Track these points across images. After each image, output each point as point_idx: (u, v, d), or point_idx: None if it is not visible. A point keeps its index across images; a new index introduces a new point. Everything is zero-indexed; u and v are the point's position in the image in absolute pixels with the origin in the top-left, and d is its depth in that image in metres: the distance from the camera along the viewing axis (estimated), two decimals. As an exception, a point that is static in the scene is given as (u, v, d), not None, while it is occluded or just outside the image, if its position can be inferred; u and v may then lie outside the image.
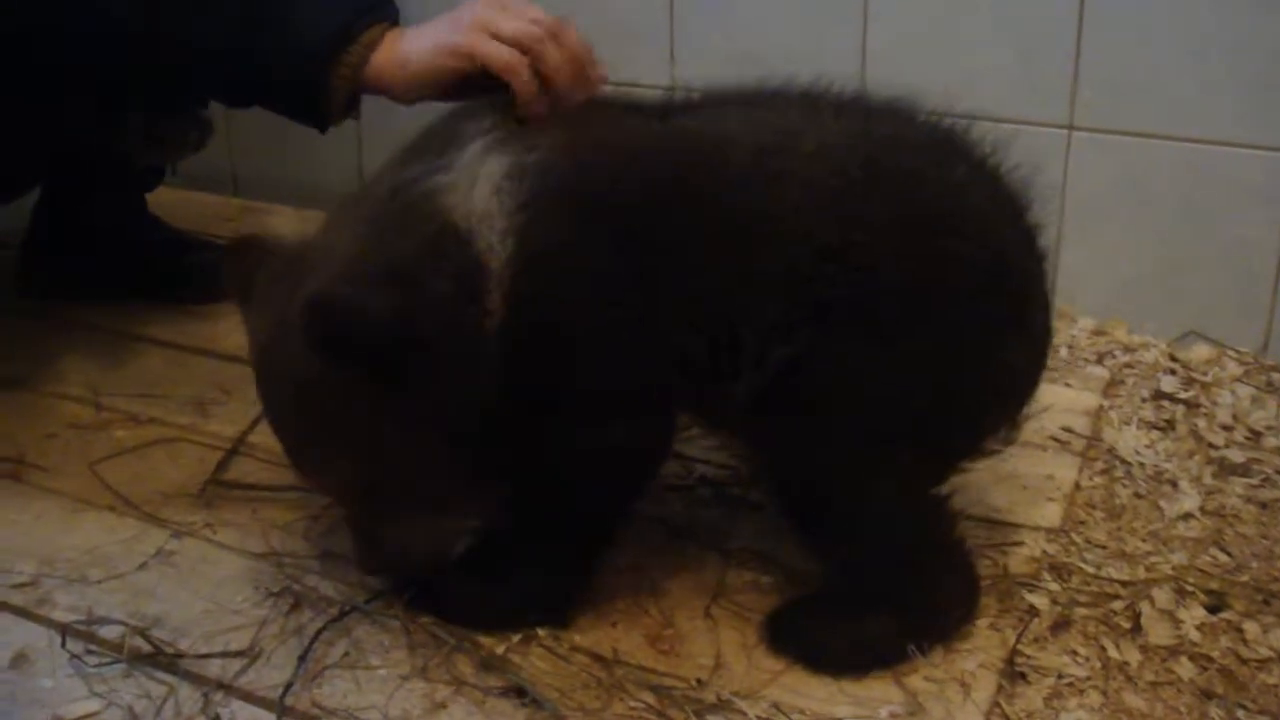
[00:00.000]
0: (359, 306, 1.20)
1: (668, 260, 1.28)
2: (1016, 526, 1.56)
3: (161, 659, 1.35)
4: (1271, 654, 1.36)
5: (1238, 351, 1.99)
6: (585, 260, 1.28)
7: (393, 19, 1.51)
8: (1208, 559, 1.52)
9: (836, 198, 1.27)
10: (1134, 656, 1.37)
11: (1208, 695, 1.32)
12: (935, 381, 1.28)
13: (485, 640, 1.36)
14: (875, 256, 1.26)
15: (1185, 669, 1.35)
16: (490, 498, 1.37)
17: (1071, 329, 2.07)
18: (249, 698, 1.30)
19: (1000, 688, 1.31)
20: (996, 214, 1.34)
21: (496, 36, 1.36)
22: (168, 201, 2.34)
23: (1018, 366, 1.38)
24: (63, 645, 1.37)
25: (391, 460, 1.30)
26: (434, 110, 1.42)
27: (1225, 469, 1.70)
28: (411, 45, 1.45)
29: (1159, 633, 1.39)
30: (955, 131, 1.36)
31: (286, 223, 2.53)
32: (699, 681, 1.31)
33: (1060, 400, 1.83)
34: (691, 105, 1.40)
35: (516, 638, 1.37)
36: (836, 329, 1.26)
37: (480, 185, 1.28)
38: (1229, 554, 1.53)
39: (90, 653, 1.36)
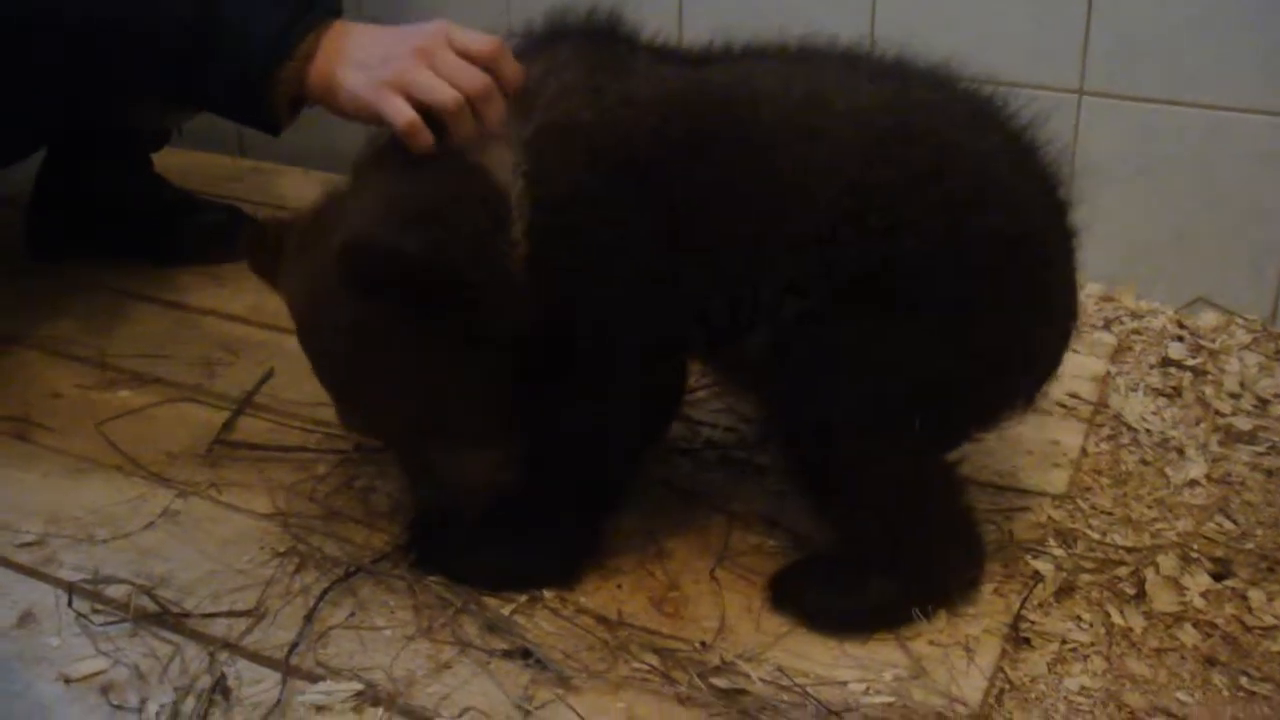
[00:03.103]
0: (391, 246, 1.22)
1: (688, 212, 1.27)
2: (1022, 492, 1.56)
3: (167, 618, 1.35)
4: (1276, 622, 1.36)
5: (1246, 319, 1.98)
6: (599, 208, 1.28)
7: (331, 13, 1.48)
8: (1213, 526, 1.51)
9: (862, 160, 1.26)
10: (1138, 623, 1.37)
11: (1211, 662, 1.32)
12: (948, 353, 1.27)
13: (491, 601, 1.37)
14: (896, 222, 1.25)
15: (1189, 636, 1.35)
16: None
17: (1079, 294, 2.07)
18: (254, 657, 1.30)
19: (1004, 652, 1.31)
20: (1026, 188, 1.32)
21: (411, 99, 1.32)
22: (174, 163, 2.34)
23: (1037, 345, 1.37)
24: (69, 604, 1.37)
25: (436, 394, 1.31)
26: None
27: (1232, 436, 1.69)
28: (341, 73, 1.40)
29: (1163, 599, 1.39)
30: (993, 102, 1.35)
31: (292, 184, 2.53)
32: (703, 644, 1.32)
33: (1067, 366, 1.79)
34: (730, 55, 1.37)
35: (522, 599, 1.37)
36: (852, 292, 1.26)
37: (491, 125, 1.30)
38: (1234, 521, 1.52)
39: (96, 612, 1.36)
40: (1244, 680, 1.30)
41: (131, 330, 1.99)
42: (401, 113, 1.31)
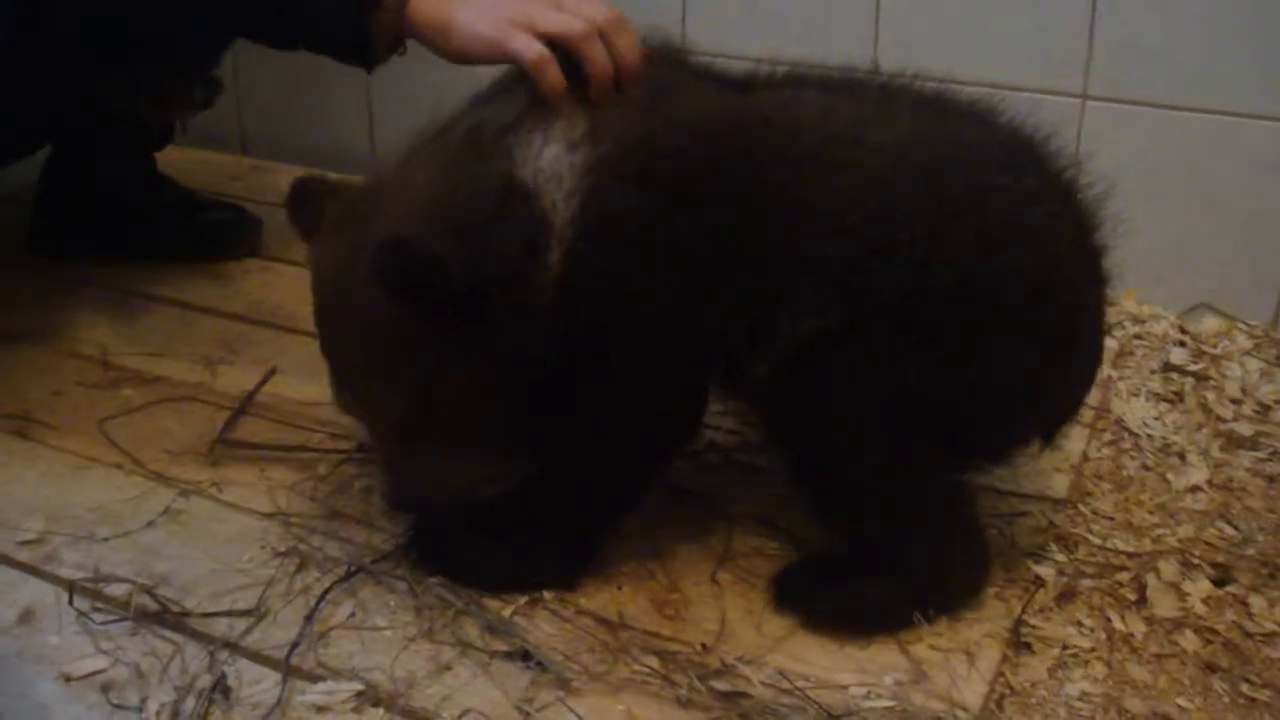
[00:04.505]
0: (435, 256, 1.21)
1: (724, 238, 1.27)
2: (1023, 497, 1.56)
3: (168, 617, 1.35)
4: (1276, 628, 1.37)
5: (1248, 324, 1.98)
6: (645, 230, 1.27)
7: None
8: (1214, 532, 1.51)
9: (896, 194, 1.26)
10: (1139, 628, 1.37)
11: (1212, 668, 1.32)
12: (966, 388, 1.27)
13: (491, 603, 1.37)
14: (925, 257, 1.24)
15: (1190, 642, 1.35)
16: (524, 453, 1.38)
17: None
18: (255, 657, 1.30)
19: (1005, 657, 1.32)
20: (1061, 230, 1.32)
21: (536, 33, 1.32)
22: (177, 161, 2.34)
23: (1059, 387, 1.36)
24: (70, 602, 1.37)
25: (439, 402, 1.31)
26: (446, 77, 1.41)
27: (1233, 442, 1.69)
28: (457, 14, 1.40)
29: (1164, 605, 1.40)
30: (1033, 140, 1.34)
31: (295, 182, 2.52)
32: (704, 646, 1.32)
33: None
34: (774, 82, 1.37)
35: (523, 601, 1.37)
36: (875, 321, 1.25)
37: (552, 144, 1.28)
38: (1236, 527, 1.53)
39: (97, 610, 1.36)
40: (1244, 687, 1.30)
41: (134, 328, 1.99)
42: (530, 47, 1.30)
